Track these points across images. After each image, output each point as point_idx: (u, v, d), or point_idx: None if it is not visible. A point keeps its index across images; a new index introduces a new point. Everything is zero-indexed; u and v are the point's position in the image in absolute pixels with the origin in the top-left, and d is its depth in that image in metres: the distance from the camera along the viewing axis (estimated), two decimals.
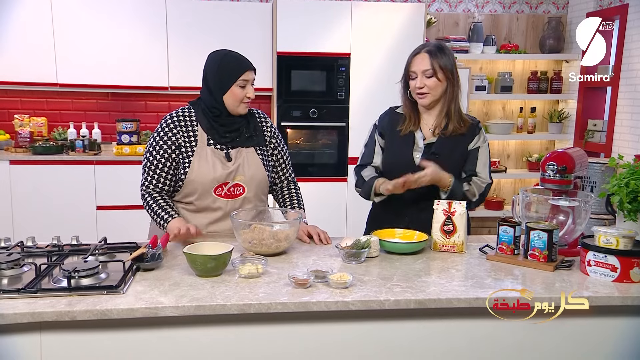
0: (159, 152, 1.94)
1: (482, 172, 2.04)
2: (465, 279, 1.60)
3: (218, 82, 1.92)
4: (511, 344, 1.52)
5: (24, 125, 4.15)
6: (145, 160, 1.97)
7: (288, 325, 1.45)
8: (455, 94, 2.01)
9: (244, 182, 1.97)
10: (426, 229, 1.91)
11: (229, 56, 1.95)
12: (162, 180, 1.94)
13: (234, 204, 1.96)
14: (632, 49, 4.00)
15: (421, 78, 1.97)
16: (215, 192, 1.94)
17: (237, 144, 1.98)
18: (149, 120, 4.45)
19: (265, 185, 2.04)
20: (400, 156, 2.06)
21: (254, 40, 4.16)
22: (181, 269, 1.63)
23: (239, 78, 1.91)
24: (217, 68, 1.93)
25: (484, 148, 2.05)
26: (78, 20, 4.01)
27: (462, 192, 1.98)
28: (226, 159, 1.95)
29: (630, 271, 1.57)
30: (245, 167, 1.97)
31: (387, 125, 2.11)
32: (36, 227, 3.69)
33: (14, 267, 1.55)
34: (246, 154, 1.99)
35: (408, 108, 2.07)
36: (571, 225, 1.83)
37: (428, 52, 1.97)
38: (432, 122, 2.06)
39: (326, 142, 4.28)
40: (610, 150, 4.21)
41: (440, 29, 4.71)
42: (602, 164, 2.41)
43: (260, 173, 2.00)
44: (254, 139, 2.02)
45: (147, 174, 1.95)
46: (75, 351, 1.38)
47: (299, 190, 2.17)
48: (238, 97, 1.93)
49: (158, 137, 1.96)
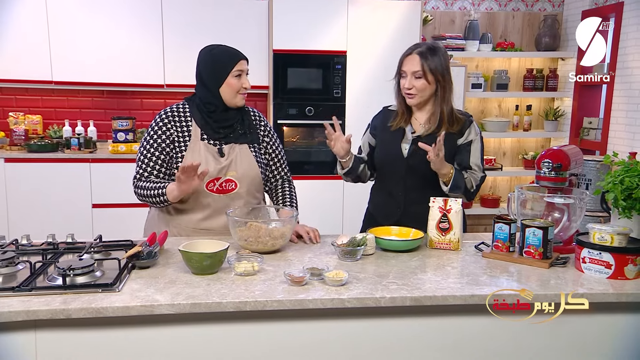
0: (152, 146, 1.94)
1: (475, 166, 2.05)
2: (460, 276, 1.61)
3: (213, 75, 1.92)
4: (506, 340, 1.53)
5: (19, 123, 4.13)
6: (138, 154, 1.96)
7: (284, 322, 1.45)
8: (447, 97, 2.02)
9: (235, 178, 1.96)
10: (421, 224, 1.92)
11: (220, 49, 1.96)
12: (155, 174, 1.94)
13: (225, 199, 1.96)
14: (627, 46, 4.01)
15: (410, 79, 1.99)
16: (207, 187, 1.94)
17: (230, 140, 1.98)
18: (145, 118, 4.43)
19: (258, 182, 2.04)
20: (389, 148, 2.08)
21: (250, 38, 4.15)
22: (177, 267, 1.63)
23: (234, 68, 1.92)
24: (211, 62, 1.93)
25: (477, 142, 2.06)
26: (73, 17, 3.98)
27: (464, 181, 1.99)
28: (219, 154, 1.95)
29: (625, 268, 1.58)
30: (237, 163, 1.97)
31: (379, 124, 2.14)
32: (31, 225, 3.67)
33: (8, 265, 1.54)
34: (239, 150, 1.99)
35: (401, 105, 2.09)
36: (566, 222, 1.83)
37: (419, 54, 1.98)
38: (423, 119, 2.07)
39: (322, 140, 4.25)
40: (606, 148, 4.22)
41: (436, 27, 4.71)
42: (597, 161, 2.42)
43: (253, 170, 2.00)
44: (247, 136, 2.02)
45: (139, 167, 1.95)
46: (70, 349, 1.37)
47: (293, 189, 2.17)
48: (234, 88, 1.93)
49: (152, 131, 1.96)
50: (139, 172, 1.95)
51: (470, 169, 2.04)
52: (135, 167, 1.97)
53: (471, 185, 2.02)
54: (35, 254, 1.69)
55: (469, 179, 2.02)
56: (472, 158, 2.04)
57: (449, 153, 2.03)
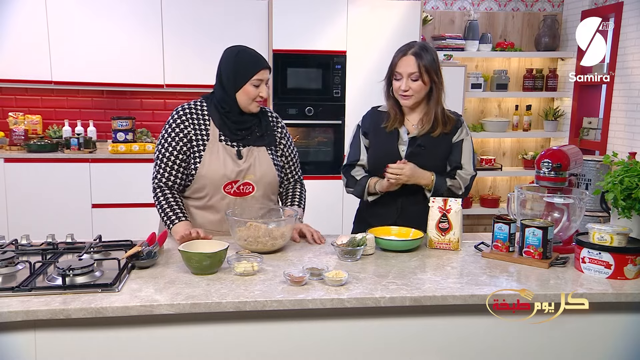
0: (170, 145, 1.92)
1: (466, 165, 2.05)
2: (460, 276, 1.61)
3: (232, 79, 1.90)
4: (506, 340, 1.53)
5: (19, 123, 4.13)
6: (157, 153, 1.95)
7: (284, 322, 1.45)
8: (440, 97, 2.01)
9: (253, 182, 1.95)
10: (416, 223, 1.91)
11: (245, 53, 1.93)
12: (174, 173, 1.93)
13: (242, 202, 1.95)
14: (627, 46, 4.01)
15: (407, 81, 1.96)
16: (224, 189, 1.93)
17: (248, 142, 1.97)
18: (145, 118, 4.43)
19: (275, 185, 2.03)
20: (386, 151, 2.06)
21: (250, 38, 4.13)
22: (177, 267, 1.63)
23: (253, 77, 1.89)
24: (232, 66, 1.91)
25: (468, 141, 2.07)
26: (73, 17, 3.98)
27: (446, 188, 1.99)
28: (237, 156, 1.94)
29: (624, 268, 1.58)
30: (256, 166, 1.95)
31: (370, 125, 2.11)
32: (31, 225, 3.67)
33: (8, 266, 1.54)
34: (257, 153, 1.97)
35: (393, 106, 2.06)
36: (566, 222, 1.83)
37: (415, 55, 1.95)
38: (416, 119, 2.06)
39: (322, 140, 4.28)
40: (605, 148, 4.22)
41: (436, 27, 4.71)
42: (597, 161, 2.43)
43: (271, 173, 1.99)
44: (265, 138, 2.01)
45: (159, 166, 1.94)
46: (69, 349, 1.37)
47: (304, 191, 2.16)
48: (251, 96, 1.91)
49: (170, 129, 1.94)
50: (159, 171, 1.94)
51: (462, 168, 2.04)
52: (154, 165, 1.96)
53: (458, 187, 2.02)
54: (34, 254, 1.69)
55: (456, 182, 2.02)
56: (464, 157, 2.05)
57: (445, 153, 2.04)
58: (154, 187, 1.95)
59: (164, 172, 1.93)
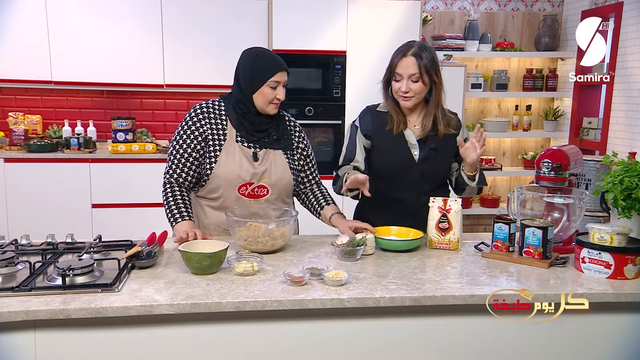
0: (185, 142, 1.92)
1: None
2: (460, 276, 1.61)
3: (249, 80, 1.90)
4: (506, 340, 1.53)
5: (19, 123, 4.13)
6: (171, 149, 1.96)
7: (284, 322, 1.45)
8: (440, 97, 1.99)
9: (269, 185, 1.95)
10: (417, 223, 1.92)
11: (263, 55, 1.94)
12: (186, 170, 1.93)
13: (256, 204, 1.94)
14: (627, 46, 4.01)
15: (407, 82, 1.93)
16: (239, 190, 1.93)
17: (265, 144, 1.96)
18: (145, 118, 4.43)
19: (289, 188, 2.03)
20: (400, 156, 2.01)
21: (250, 38, 4.13)
22: (176, 267, 1.63)
23: (271, 79, 1.89)
24: (250, 67, 1.91)
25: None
26: (73, 17, 3.98)
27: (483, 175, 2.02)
28: (253, 158, 1.93)
29: (624, 268, 1.58)
30: (272, 170, 1.95)
31: (371, 126, 2.05)
32: (31, 225, 3.67)
33: (8, 266, 1.54)
34: (274, 156, 1.97)
35: (393, 107, 2.03)
36: (566, 222, 1.83)
37: (415, 55, 1.92)
38: (417, 120, 2.04)
39: (322, 140, 4.27)
40: (605, 148, 4.22)
41: (436, 27, 4.71)
42: (597, 161, 2.43)
43: (287, 176, 1.98)
44: (281, 142, 2.00)
45: (172, 162, 1.94)
46: (69, 349, 1.37)
47: (326, 189, 2.14)
48: (268, 98, 1.91)
49: (186, 126, 1.94)
50: (171, 167, 1.94)
51: None
52: (167, 161, 1.96)
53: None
54: (34, 254, 1.69)
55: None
56: None
57: (453, 153, 2.03)
58: (164, 182, 1.96)
59: (176, 168, 1.93)
